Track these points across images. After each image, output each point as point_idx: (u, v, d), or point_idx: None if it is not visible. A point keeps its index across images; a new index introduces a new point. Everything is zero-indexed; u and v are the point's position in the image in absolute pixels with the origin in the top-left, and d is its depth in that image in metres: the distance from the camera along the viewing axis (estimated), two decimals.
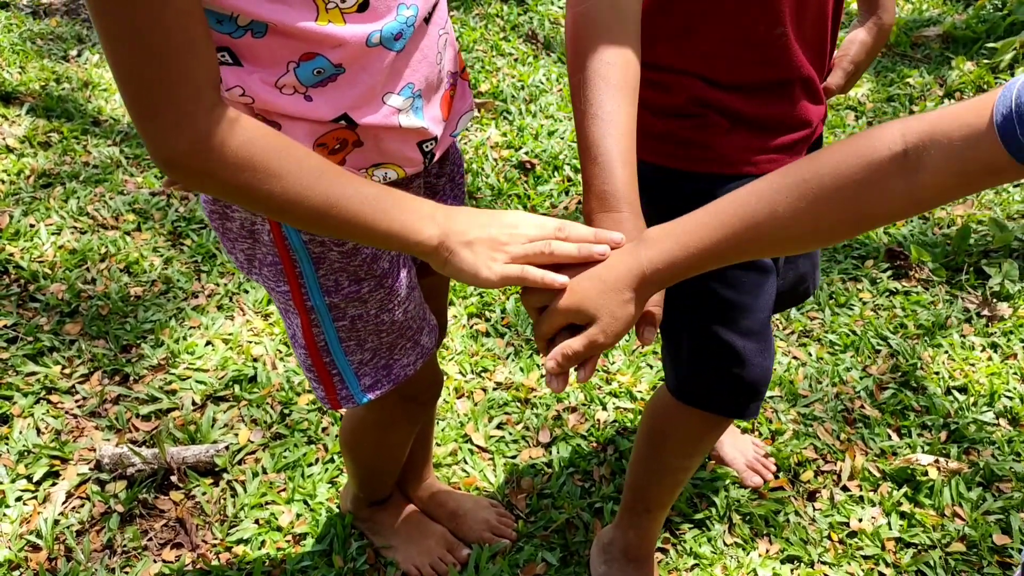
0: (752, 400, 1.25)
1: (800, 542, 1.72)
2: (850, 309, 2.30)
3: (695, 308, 1.23)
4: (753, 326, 1.21)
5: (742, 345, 1.21)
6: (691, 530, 1.73)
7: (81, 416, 1.91)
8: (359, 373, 1.17)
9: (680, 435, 1.38)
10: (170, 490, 1.76)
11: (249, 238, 1.08)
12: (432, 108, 1.04)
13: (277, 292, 1.11)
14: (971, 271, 2.41)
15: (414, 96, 1.00)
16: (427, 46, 1.00)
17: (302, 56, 0.89)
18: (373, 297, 1.11)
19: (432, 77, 1.02)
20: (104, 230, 2.43)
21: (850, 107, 3.23)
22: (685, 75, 1.17)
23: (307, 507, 1.73)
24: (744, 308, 1.21)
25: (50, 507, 1.70)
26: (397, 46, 0.95)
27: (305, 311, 1.11)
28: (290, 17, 0.86)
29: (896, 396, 2.03)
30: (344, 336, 1.13)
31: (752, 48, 1.15)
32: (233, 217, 1.06)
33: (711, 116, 1.17)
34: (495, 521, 1.70)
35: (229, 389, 1.97)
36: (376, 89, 0.95)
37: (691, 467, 1.43)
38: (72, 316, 2.14)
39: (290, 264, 1.07)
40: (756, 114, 1.18)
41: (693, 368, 1.26)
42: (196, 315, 2.16)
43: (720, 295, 1.20)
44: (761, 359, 1.23)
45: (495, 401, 1.99)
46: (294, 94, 0.91)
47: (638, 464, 1.49)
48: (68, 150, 2.74)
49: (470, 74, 3.36)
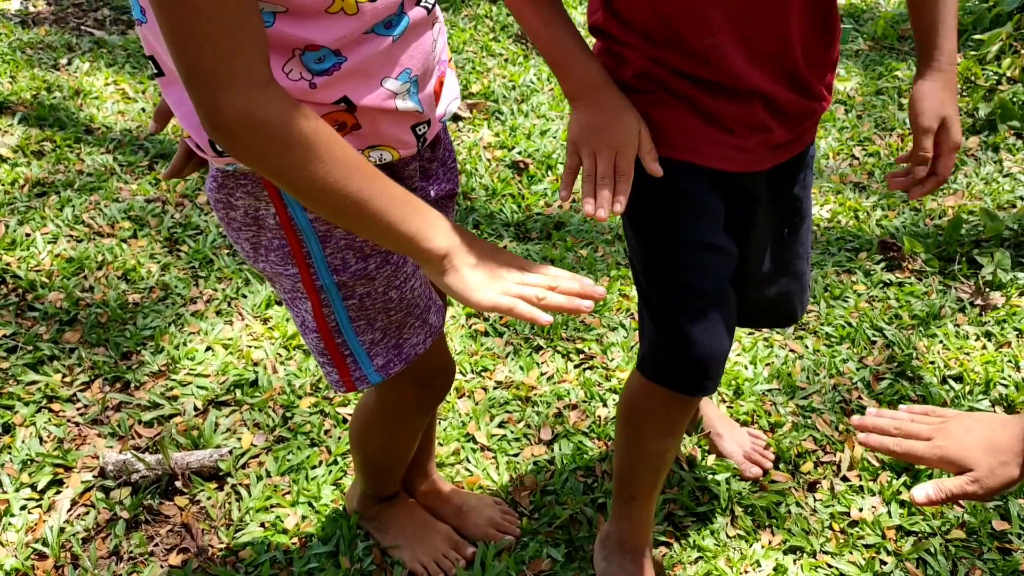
0: (704, 378, 1.29)
1: (802, 532, 1.74)
2: (845, 301, 2.32)
3: (653, 290, 1.29)
4: (704, 306, 1.24)
5: (688, 325, 1.24)
6: (694, 523, 1.75)
7: (83, 424, 1.91)
8: (371, 353, 1.19)
9: (649, 414, 1.41)
10: (175, 495, 1.76)
11: (254, 225, 1.09)
12: (426, 93, 1.07)
13: (285, 276, 1.13)
14: (963, 261, 2.43)
15: (410, 81, 1.02)
16: (425, 35, 1.02)
17: (307, 46, 0.92)
18: (380, 273, 1.13)
19: (427, 64, 1.05)
20: (100, 238, 2.44)
21: (840, 101, 3.25)
22: (633, 49, 1.19)
23: (312, 509, 1.73)
24: (696, 288, 1.24)
25: (55, 515, 1.71)
26: (393, 32, 0.97)
27: (315, 291, 1.13)
28: (305, 2, 0.88)
29: (893, 386, 2.05)
30: (354, 315, 1.15)
31: (688, 55, 1.16)
32: (237, 205, 1.08)
33: (660, 94, 1.19)
34: (499, 518, 1.71)
35: (230, 394, 1.98)
36: (373, 72, 0.98)
37: (667, 450, 1.45)
38: (71, 324, 2.14)
39: (297, 244, 1.09)
40: (708, 107, 1.19)
41: (652, 346, 1.32)
42: (195, 321, 2.17)
43: (677, 278, 1.25)
44: (708, 337, 1.25)
45: (496, 400, 2.00)
46: (300, 80, 0.93)
47: (619, 453, 1.52)
48: (61, 159, 2.74)
49: (461, 75, 3.38)
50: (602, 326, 2.22)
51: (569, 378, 2.07)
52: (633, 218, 1.28)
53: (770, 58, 1.17)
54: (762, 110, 1.20)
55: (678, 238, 1.24)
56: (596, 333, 2.19)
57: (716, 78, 1.17)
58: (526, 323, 2.20)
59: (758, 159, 1.25)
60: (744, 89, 1.18)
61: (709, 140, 1.21)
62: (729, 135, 1.21)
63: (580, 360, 2.12)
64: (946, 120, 1.23)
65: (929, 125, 1.23)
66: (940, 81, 1.23)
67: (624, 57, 1.21)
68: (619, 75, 1.21)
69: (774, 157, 1.27)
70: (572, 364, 2.11)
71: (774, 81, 1.19)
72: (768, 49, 1.17)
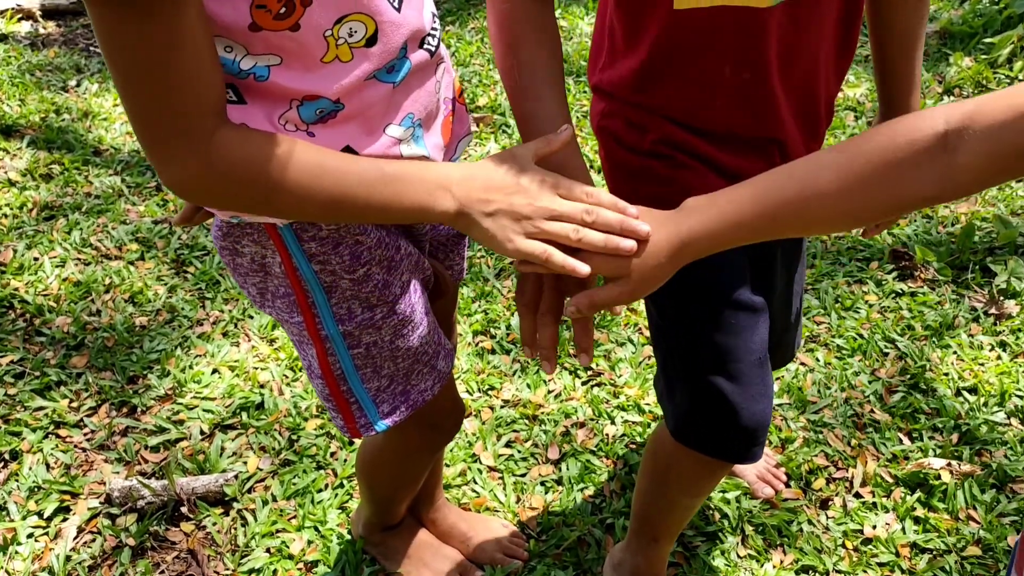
0: (752, 445, 1.21)
1: (814, 551, 1.71)
2: (856, 312, 2.29)
3: (687, 352, 1.20)
4: (745, 369, 1.17)
5: (732, 391, 1.17)
6: (704, 543, 1.72)
7: (90, 449, 1.91)
8: (377, 400, 1.17)
9: (682, 475, 1.34)
10: (180, 521, 1.75)
11: (260, 271, 1.08)
12: (433, 135, 1.05)
13: (291, 323, 1.12)
14: (977, 269, 2.40)
15: (414, 126, 1.00)
16: (425, 77, 1.00)
17: (305, 96, 0.90)
18: (387, 323, 1.11)
19: (431, 106, 1.02)
20: (108, 260, 2.44)
21: (849, 107, 3.22)
22: (654, 114, 1.15)
23: (318, 534, 1.72)
24: (735, 351, 1.17)
25: (61, 543, 1.70)
26: (393, 78, 0.95)
27: (320, 340, 1.11)
28: (300, 52, 0.86)
29: (906, 399, 2.02)
30: (360, 363, 1.13)
31: (717, 93, 1.11)
32: (244, 252, 1.07)
33: (680, 157, 1.15)
34: (507, 542, 1.69)
35: (236, 417, 1.97)
36: (376, 121, 0.96)
37: (697, 504, 1.41)
38: (78, 349, 2.14)
39: (302, 294, 1.07)
40: (727, 164, 1.15)
41: (689, 413, 1.23)
42: (202, 343, 2.16)
43: (712, 340, 1.17)
44: (753, 403, 1.18)
45: (503, 419, 1.98)
46: (296, 131, 0.92)
47: (643, 498, 1.47)
48: (70, 181, 2.75)
49: (468, 88, 3.37)
50: (610, 341, 2.20)
51: (576, 395, 2.05)
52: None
53: (796, 92, 1.14)
54: (779, 159, 1.17)
55: (716, 300, 1.17)
56: (604, 349, 2.17)
57: (740, 125, 1.13)
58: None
59: None
60: (764, 138, 1.15)
61: None
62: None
63: (588, 377, 2.10)
64: None
65: None
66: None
67: (641, 124, 1.16)
68: (635, 143, 1.17)
69: None
70: (580, 381, 2.09)
71: (796, 120, 1.16)
72: (796, 81, 1.13)
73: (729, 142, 1.15)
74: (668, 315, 1.21)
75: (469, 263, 2.46)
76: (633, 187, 1.19)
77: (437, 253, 1.28)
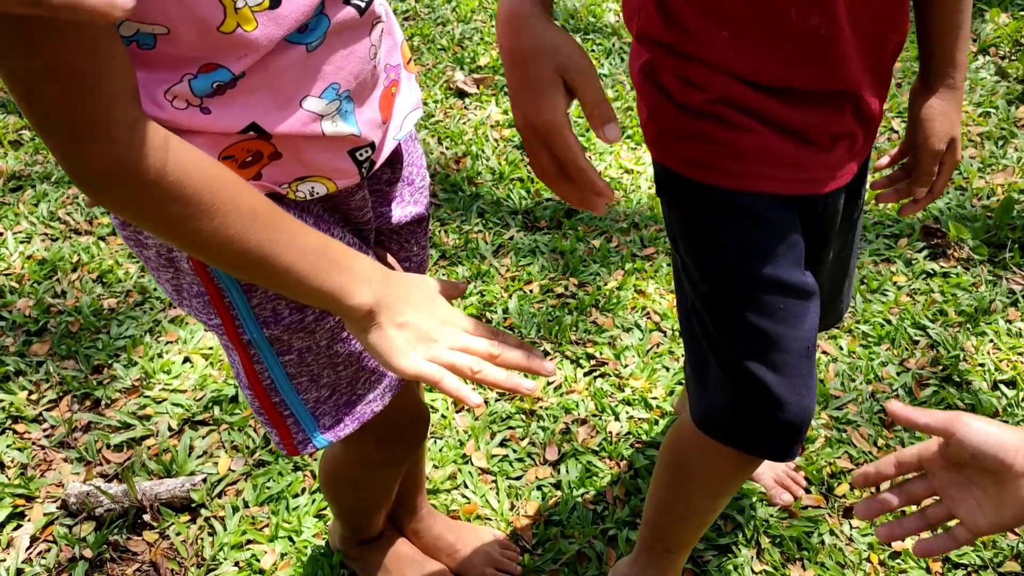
0: (794, 443, 1.08)
1: (837, 566, 1.55)
2: (883, 295, 2.11)
3: (724, 337, 1.06)
4: (791, 360, 1.03)
5: (777, 383, 1.03)
6: (716, 557, 1.57)
7: (49, 447, 1.76)
8: (316, 413, 1.01)
9: (706, 472, 1.20)
10: (143, 530, 1.61)
11: (170, 267, 0.92)
12: (367, 110, 0.87)
13: (211, 326, 0.96)
14: (1016, 248, 2.21)
15: (340, 98, 0.83)
16: (354, 39, 0.82)
17: (200, 68, 0.72)
18: (321, 326, 0.95)
19: (364, 74, 0.84)
20: (77, 236, 2.28)
21: None
22: (708, 67, 0.98)
23: (292, 545, 1.57)
24: (781, 340, 1.03)
25: (13, 553, 1.56)
26: (306, 39, 0.77)
27: (242, 346, 0.95)
28: (190, 19, 0.69)
29: (938, 393, 1.85)
30: (293, 372, 0.97)
31: (783, 41, 0.95)
32: (148, 244, 0.90)
33: (738, 118, 0.99)
34: (498, 556, 1.54)
35: (208, 412, 1.81)
36: (286, 91, 0.79)
37: (718, 508, 1.26)
38: (40, 335, 1.99)
39: (217, 294, 0.91)
40: (793, 121, 0.99)
41: (723, 402, 1.09)
42: (173, 328, 2.00)
43: (755, 325, 1.02)
44: (799, 397, 1.04)
45: (498, 415, 1.82)
46: (187, 108, 0.75)
47: (657, 502, 1.32)
48: (40, 148, 2.58)
49: (468, 46, 3.16)
50: (615, 327, 2.03)
51: (578, 388, 1.88)
52: (699, 254, 1.07)
53: (867, 40, 0.98)
54: (851, 116, 1.02)
55: (763, 280, 1.03)
56: (609, 335, 2.00)
57: (807, 77, 0.98)
58: (531, 326, 2.02)
59: (844, 172, 1.07)
60: (834, 91, 0.99)
61: (797, 164, 1.02)
62: (817, 151, 1.03)
63: (591, 367, 1.93)
64: (953, 140, 1.17)
65: (939, 149, 1.17)
66: (953, 101, 1.15)
67: (693, 79, 1.00)
68: (685, 100, 1.01)
69: (855, 165, 1.09)
70: (582, 372, 1.92)
71: (866, 71, 1.00)
72: (866, 28, 0.97)
73: (796, 97, 0.99)
74: (701, 291, 1.07)
75: (464, 239, 2.28)
76: (682, 150, 1.03)
77: (389, 244, 1.10)
